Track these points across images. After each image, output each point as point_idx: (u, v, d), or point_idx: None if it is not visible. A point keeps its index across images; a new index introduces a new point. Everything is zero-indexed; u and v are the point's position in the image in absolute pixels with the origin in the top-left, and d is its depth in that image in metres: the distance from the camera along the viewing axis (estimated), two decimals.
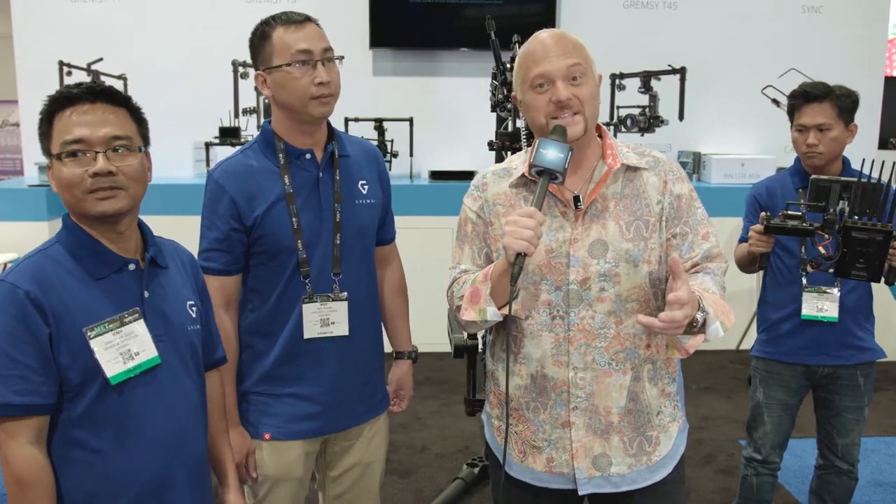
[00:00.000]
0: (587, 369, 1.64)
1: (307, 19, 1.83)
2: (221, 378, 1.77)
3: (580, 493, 1.68)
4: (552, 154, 1.52)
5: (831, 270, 2.25)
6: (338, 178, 1.90)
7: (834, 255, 2.18)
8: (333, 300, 1.88)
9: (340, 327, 1.90)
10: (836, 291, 2.44)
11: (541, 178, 1.54)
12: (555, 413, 1.67)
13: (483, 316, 1.60)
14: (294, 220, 1.84)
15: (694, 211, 1.70)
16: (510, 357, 1.69)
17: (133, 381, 1.45)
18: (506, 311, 1.59)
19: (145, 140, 1.51)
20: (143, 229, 1.56)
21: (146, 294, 1.50)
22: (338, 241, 1.88)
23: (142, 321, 1.47)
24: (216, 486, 1.71)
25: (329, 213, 1.88)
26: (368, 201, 1.96)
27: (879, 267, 2.16)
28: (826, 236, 2.20)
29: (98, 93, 1.45)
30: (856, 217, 2.14)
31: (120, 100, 1.48)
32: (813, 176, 2.25)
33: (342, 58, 1.87)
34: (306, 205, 1.86)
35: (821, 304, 2.45)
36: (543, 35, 1.65)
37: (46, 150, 1.46)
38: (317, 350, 1.89)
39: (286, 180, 1.84)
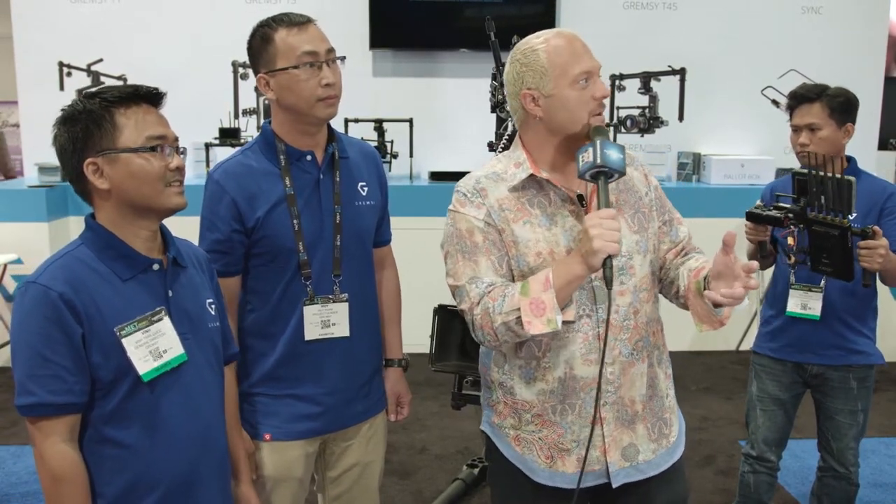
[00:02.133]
0: (615, 363, 1.67)
1: (308, 21, 1.82)
2: (233, 374, 1.80)
3: (614, 485, 1.69)
4: (614, 155, 1.53)
5: (808, 264, 2.28)
6: (338, 179, 1.90)
7: (804, 247, 2.21)
8: (334, 301, 1.89)
9: (341, 328, 1.90)
10: (820, 289, 2.45)
11: (600, 179, 1.55)
12: (584, 412, 1.67)
13: (553, 326, 1.54)
14: (295, 221, 1.84)
15: (666, 200, 1.79)
16: (538, 364, 1.68)
17: (161, 378, 1.49)
18: (567, 316, 1.58)
19: None
20: (163, 230, 1.58)
21: (170, 293, 1.53)
22: (338, 243, 1.88)
23: (168, 320, 1.51)
24: None
25: (329, 215, 1.88)
26: (368, 203, 1.96)
27: (845, 264, 2.15)
28: (791, 227, 2.23)
29: (157, 95, 1.50)
30: (825, 212, 2.15)
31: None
32: (794, 170, 2.29)
33: (344, 58, 1.87)
34: (307, 206, 1.86)
35: (805, 302, 2.47)
36: (567, 33, 1.65)
37: (101, 145, 1.43)
38: (318, 351, 1.89)
39: (287, 182, 1.84)
